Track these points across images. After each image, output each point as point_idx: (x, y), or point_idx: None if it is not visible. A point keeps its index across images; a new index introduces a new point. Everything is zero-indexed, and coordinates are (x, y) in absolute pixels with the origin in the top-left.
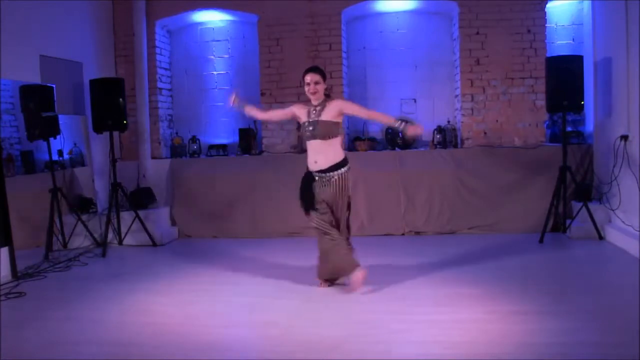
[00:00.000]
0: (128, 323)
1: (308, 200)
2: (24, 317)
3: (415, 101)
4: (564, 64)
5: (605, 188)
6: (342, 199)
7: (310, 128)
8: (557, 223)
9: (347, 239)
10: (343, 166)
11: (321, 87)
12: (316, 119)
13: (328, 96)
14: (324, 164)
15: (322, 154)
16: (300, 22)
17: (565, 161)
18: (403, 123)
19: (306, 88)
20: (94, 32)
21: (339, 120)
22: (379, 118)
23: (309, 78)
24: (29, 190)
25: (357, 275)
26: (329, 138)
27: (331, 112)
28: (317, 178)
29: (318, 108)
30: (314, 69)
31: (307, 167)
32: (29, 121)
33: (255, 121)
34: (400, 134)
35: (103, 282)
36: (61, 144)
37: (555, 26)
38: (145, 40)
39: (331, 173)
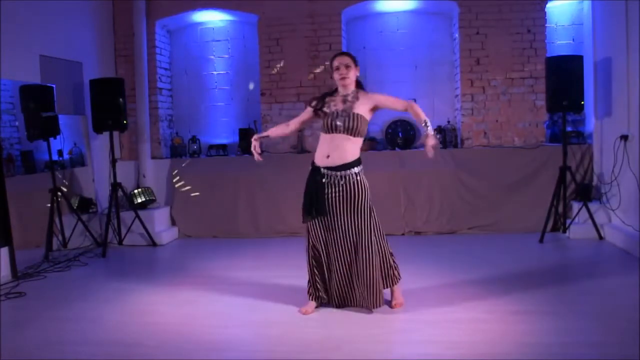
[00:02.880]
0: (128, 323)
1: (318, 202)
2: (24, 317)
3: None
4: (564, 64)
5: (605, 188)
6: (356, 212)
7: (341, 119)
8: (557, 223)
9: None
10: (357, 165)
11: (353, 73)
12: (350, 109)
13: (361, 87)
14: (335, 161)
15: (338, 150)
16: (300, 22)
17: (565, 161)
18: (429, 128)
19: (335, 74)
20: (94, 32)
21: (369, 118)
22: (416, 111)
23: (337, 62)
24: (29, 190)
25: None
26: (357, 135)
27: (366, 106)
28: (325, 175)
29: (349, 98)
30: (342, 53)
31: (313, 163)
32: (29, 121)
33: (255, 121)
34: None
35: (103, 282)
36: (61, 144)
37: (555, 26)
38: (145, 40)
39: (344, 171)
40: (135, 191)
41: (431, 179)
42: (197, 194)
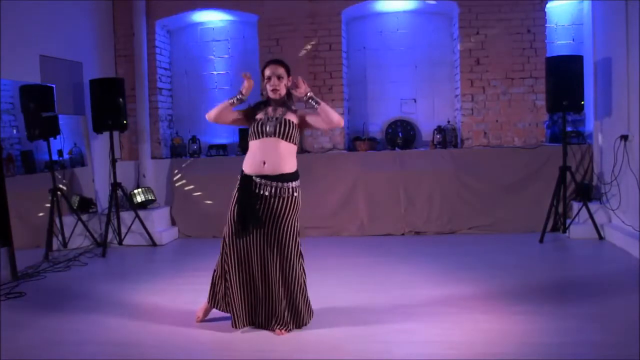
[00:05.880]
0: (128, 323)
1: (249, 213)
2: (24, 317)
3: (415, 101)
4: (564, 64)
5: (605, 188)
6: (286, 228)
7: (271, 124)
8: (557, 223)
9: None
10: (297, 179)
11: (284, 84)
12: (282, 116)
13: (290, 98)
14: (273, 169)
15: (274, 155)
16: (300, 22)
17: (565, 161)
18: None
19: (266, 84)
20: (94, 32)
21: (300, 129)
22: (323, 108)
23: (269, 71)
24: (29, 190)
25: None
26: (290, 141)
27: (295, 117)
28: (259, 185)
29: (280, 109)
30: (276, 61)
31: (244, 171)
32: (29, 121)
33: None
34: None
35: (103, 282)
36: (61, 144)
37: (555, 26)
38: (145, 40)
39: (282, 183)
40: (135, 191)
41: (431, 179)
42: (210, 202)
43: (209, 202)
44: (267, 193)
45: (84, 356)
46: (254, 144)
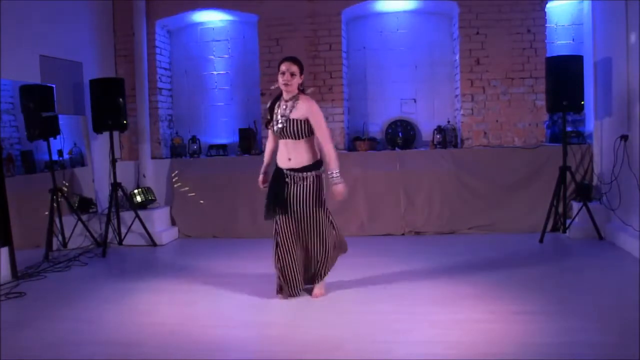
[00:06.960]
0: (128, 323)
1: (278, 198)
2: (24, 317)
3: (415, 101)
4: (564, 64)
5: (605, 188)
6: (315, 206)
7: (280, 125)
8: (557, 223)
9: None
10: (318, 168)
11: (296, 80)
12: (287, 115)
13: (302, 92)
14: (297, 163)
15: (295, 152)
16: (300, 22)
17: (565, 161)
18: (334, 179)
19: (279, 78)
20: (94, 32)
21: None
22: (326, 152)
23: (284, 67)
24: (29, 190)
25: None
26: (302, 137)
27: (300, 112)
28: (288, 176)
29: (289, 104)
30: (291, 59)
31: (277, 164)
32: (29, 121)
33: (255, 121)
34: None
35: (103, 282)
36: (61, 144)
37: (555, 26)
38: (145, 40)
39: (306, 173)
40: (135, 191)
41: (431, 179)
42: (193, 194)
43: (208, 202)
44: (293, 181)
45: (84, 356)
46: (280, 142)
